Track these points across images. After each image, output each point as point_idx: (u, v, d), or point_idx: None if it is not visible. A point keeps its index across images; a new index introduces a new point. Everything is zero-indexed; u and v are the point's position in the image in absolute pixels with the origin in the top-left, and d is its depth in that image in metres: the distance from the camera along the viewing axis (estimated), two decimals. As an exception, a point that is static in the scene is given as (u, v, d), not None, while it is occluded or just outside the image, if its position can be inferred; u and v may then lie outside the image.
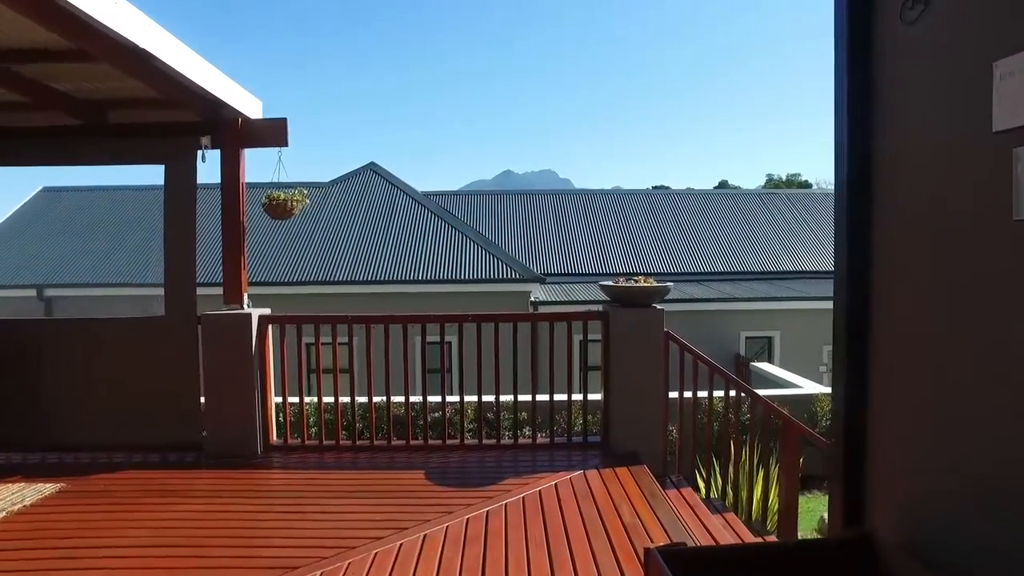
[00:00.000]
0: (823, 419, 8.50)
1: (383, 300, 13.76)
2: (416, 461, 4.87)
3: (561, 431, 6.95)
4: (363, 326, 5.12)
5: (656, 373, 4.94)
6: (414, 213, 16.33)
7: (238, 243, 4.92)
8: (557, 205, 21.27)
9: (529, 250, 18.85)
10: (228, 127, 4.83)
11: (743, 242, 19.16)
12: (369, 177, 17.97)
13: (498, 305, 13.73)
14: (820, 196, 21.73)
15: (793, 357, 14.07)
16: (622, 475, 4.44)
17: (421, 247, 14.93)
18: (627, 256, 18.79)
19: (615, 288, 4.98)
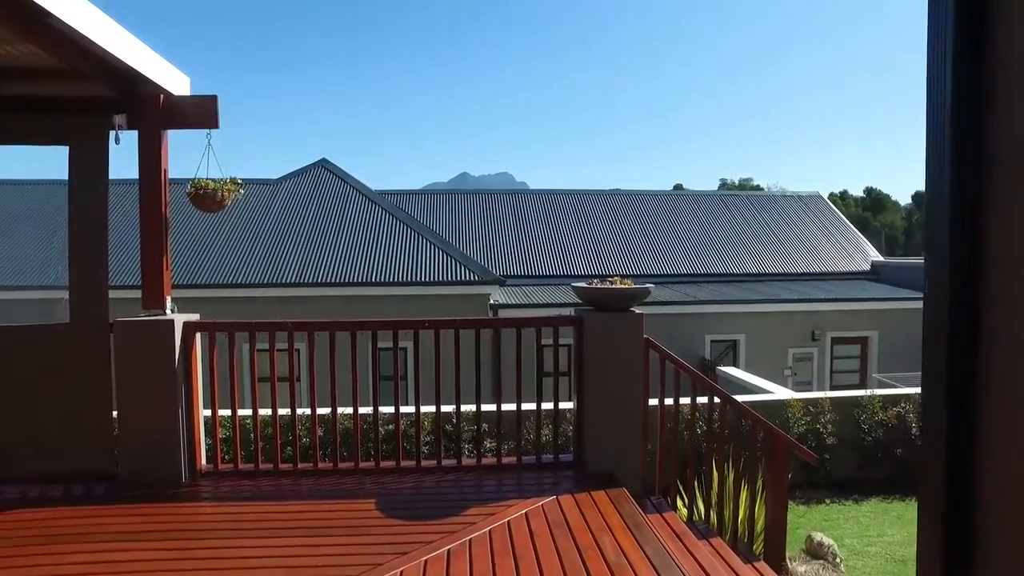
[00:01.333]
0: (795, 426, 8.24)
1: (334, 304, 13.04)
2: (366, 487, 4.30)
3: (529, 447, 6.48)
4: (306, 333, 4.53)
5: (635, 384, 4.49)
6: (368, 212, 15.62)
7: (159, 239, 4.27)
8: (516, 206, 20.82)
9: (488, 251, 18.35)
10: (147, 104, 4.17)
11: (705, 244, 19.07)
12: (320, 174, 17.16)
13: (456, 308, 13.18)
14: (779, 198, 21.86)
15: (758, 360, 13.94)
16: (600, 500, 3.97)
17: (375, 248, 14.25)
18: (588, 258, 18.46)
19: (589, 290, 4.51)
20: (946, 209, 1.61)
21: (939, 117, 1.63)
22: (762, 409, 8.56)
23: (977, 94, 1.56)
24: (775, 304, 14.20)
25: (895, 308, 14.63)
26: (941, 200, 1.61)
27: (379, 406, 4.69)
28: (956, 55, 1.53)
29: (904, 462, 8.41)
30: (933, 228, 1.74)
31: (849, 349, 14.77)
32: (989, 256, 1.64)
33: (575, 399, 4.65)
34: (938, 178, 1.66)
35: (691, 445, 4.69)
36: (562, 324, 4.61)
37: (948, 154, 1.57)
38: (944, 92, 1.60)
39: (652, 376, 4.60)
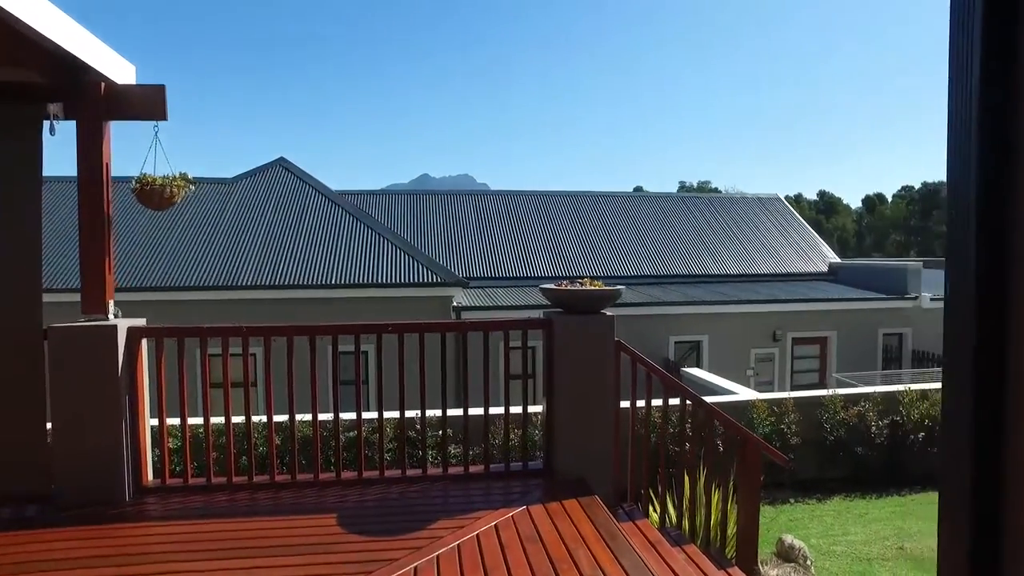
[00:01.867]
0: (760, 427, 8.27)
1: (293, 307, 12.66)
2: (327, 500, 4.08)
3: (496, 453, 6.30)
4: (262, 338, 4.29)
5: (606, 388, 4.37)
6: (327, 213, 15.24)
7: (100, 238, 3.97)
8: (478, 207, 20.64)
9: (450, 253, 18.13)
10: (86, 93, 3.88)
11: (667, 245, 19.21)
12: (278, 173, 16.68)
13: (418, 310, 12.95)
14: (739, 200, 22.19)
15: (721, 361, 14.06)
16: (572, 510, 3.83)
17: (335, 249, 13.89)
18: (551, 259, 18.41)
19: (559, 292, 4.38)
20: (972, 212, 1.49)
21: (965, 116, 1.52)
22: (728, 410, 8.56)
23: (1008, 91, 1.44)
24: (738, 305, 14.36)
25: (852, 308, 14.96)
26: (966, 203, 1.49)
27: (340, 412, 4.47)
28: (985, 49, 1.41)
29: (864, 460, 8.55)
30: (956, 232, 1.62)
31: (809, 349, 15.03)
32: (1018, 258, 1.52)
33: (544, 404, 4.51)
34: (963, 180, 1.54)
35: (662, 449, 4.60)
36: (531, 327, 4.47)
37: (975, 156, 1.45)
38: (970, 90, 1.49)
39: (623, 379, 4.50)
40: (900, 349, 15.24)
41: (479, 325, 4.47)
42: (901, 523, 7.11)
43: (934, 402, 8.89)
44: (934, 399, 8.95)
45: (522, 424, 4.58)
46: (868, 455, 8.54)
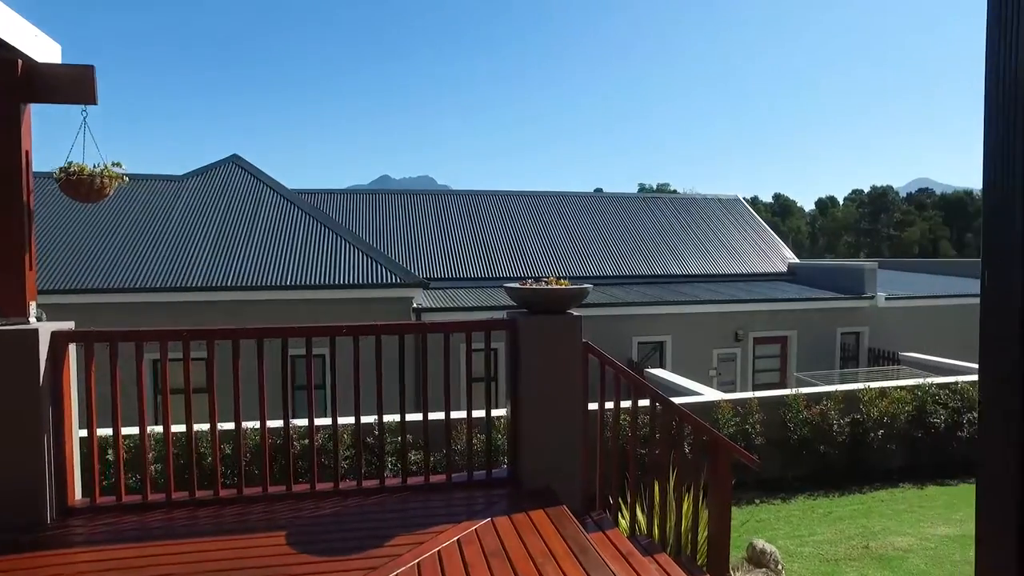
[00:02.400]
0: (725, 427, 8.22)
1: (246, 308, 12.16)
2: (277, 516, 3.78)
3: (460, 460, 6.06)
4: (205, 342, 3.96)
5: (574, 392, 4.17)
6: (283, 212, 14.72)
7: (19, 233, 3.59)
8: (438, 207, 20.32)
9: (410, 254, 17.77)
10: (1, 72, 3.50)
11: (629, 246, 19.20)
12: (231, 170, 16.06)
13: (377, 312, 12.58)
14: (700, 201, 22.34)
15: (684, 361, 14.06)
16: (539, 521, 3.62)
17: (290, 249, 13.40)
18: (513, 260, 18.21)
19: (523, 291, 4.16)
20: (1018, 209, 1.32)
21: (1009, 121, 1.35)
22: (693, 411, 8.39)
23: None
24: (701, 305, 14.38)
25: (812, 308, 15.13)
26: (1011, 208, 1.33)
27: (292, 420, 4.17)
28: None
29: (826, 458, 8.58)
30: (995, 229, 1.44)
31: (770, 348, 15.16)
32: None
33: (509, 409, 4.29)
34: (1007, 185, 1.36)
35: (632, 454, 4.42)
36: (494, 328, 4.24)
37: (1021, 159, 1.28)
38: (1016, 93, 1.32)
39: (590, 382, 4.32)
40: (857, 347, 15.50)
41: (439, 326, 4.22)
42: (865, 521, 7.12)
43: (892, 400, 9.00)
44: (893, 397, 9.05)
45: (486, 429, 4.35)
46: (830, 453, 8.59)
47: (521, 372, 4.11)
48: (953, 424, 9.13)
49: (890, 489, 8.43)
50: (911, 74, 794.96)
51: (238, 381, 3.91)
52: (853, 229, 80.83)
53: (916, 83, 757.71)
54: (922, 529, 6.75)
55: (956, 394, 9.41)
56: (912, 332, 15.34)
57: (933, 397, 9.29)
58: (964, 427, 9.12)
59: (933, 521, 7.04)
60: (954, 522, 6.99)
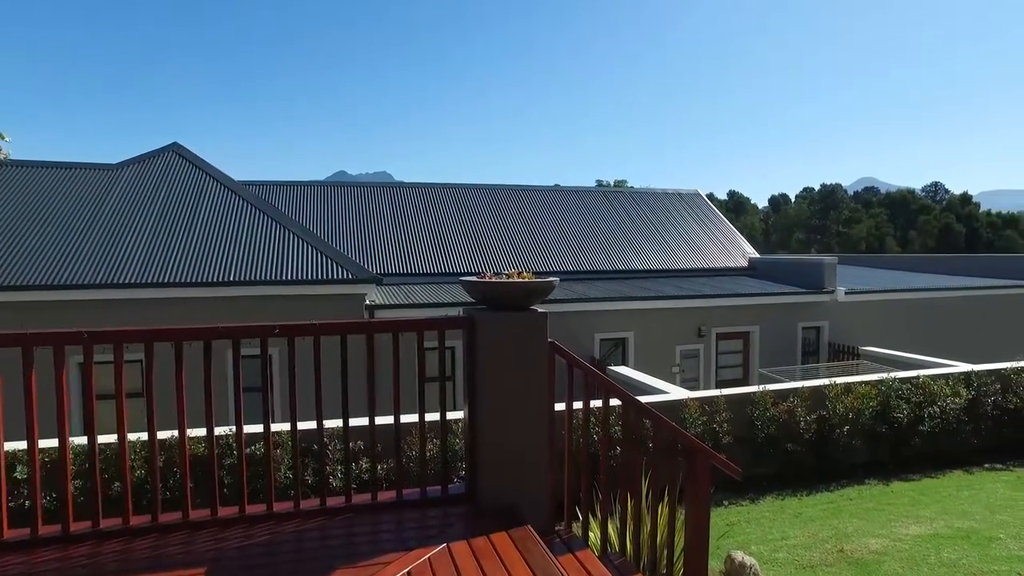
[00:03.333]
0: (692, 427, 7.93)
1: (184, 306, 11.38)
2: (198, 548, 3.25)
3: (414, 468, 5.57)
4: (115, 346, 3.39)
5: (539, 397, 3.74)
6: (226, 203, 13.87)
7: None
8: (393, 200, 19.65)
9: (363, 248, 17.11)
10: None
11: (589, 240, 18.90)
12: (170, 160, 15.08)
13: (327, 310, 11.95)
14: (661, 195, 22.19)
15: (647, 358, 13.80)
16: (501, 546, 3.18)
17: (234, 243, 12.62)
18: (471, 255, 17.72)
19: (482, 285, 3.71)
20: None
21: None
22: (660, 410, 8.13)
23: None
24: (665, 301, 14.13)
25: (774, 303, 15.07)
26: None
27: (215, 427, 3.62)
28: None
29: (793, 455, 8.40)
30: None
31: (732, 344, 15.05)
32: None
33: (466, 418, 3.84)
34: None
35: (603, 463, 4.02)
36: (449, 327, 3.78)
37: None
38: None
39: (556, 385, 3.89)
40: (818, 342, 15.53)
41: (387, 325, 3.73)
42: (836, 522, 6.91)
43: (858, 395, 8.88)
44: (858, 392, 8.93)
45: (440, 436, 3.88)
46: (797, 451, 8.42)
47: (479, 375, 3.66)
48: (915, 418, 9.07)
49: (856, 486, 8.30)
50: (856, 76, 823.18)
51: (151, 387, 3.37)
52: (804, 226, 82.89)
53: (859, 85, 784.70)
54: (893, 529, 6.57)
55: (917, 388, 9.36)
56: (870, 326, 15.46)
57: (896, 392, 9.22)
58: (925, 421, 9.07)
59: (903, 520, 6.87)
60: (923, 520, 6.84)
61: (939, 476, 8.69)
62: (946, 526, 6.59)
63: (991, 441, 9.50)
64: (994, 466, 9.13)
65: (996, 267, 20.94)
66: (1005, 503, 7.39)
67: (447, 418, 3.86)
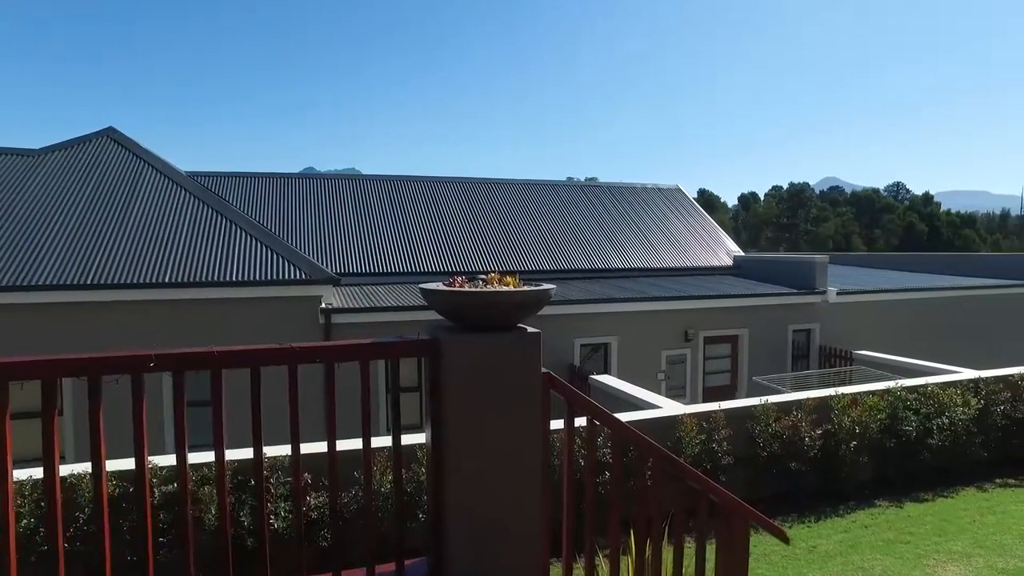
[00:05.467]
0: (689, 447, 7.00)
1: (115, 312, 10.08)
2: None
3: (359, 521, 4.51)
4: None
5: (530, 450, 2.71)
6: (165, 194, 12.48)
7: None
8: (356, 193, 18.38)
9: (322, 245, 15.84)
10: None
11: (567, 237, 17.89)
12: (104, 145, 13.59)
13: (279, 314, 10.77)
14: (640, 190, 21.25)
15: (629, 364, 12.83)
16: None
17: (171, 239, 11.27)
18: (440, 252, 16.60)
19: (452, 295, 2.66)
20: None
21: None
22: (653, 428, 7.24)
23: None
24: (649, 303, 13.16)
25: (763, 304, 14.24)
26: None
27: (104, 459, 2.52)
28: None
29: (797, 475, 7.58)
30: None
31: (720, 348, 14.18)
32: None
33: (430, 478, 2.79)
34: None
35: (614, 531, 3.01)
36: (403, 354, 2.72)
37: None
38: None
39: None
40: (808, 346, 14.77)
41: (314, 352, 2.64)
42: (858, 558, 6.05)
43: (866, 407, 8.07)
44: (866, 404, 8.13)
45: (396, 498, 2.83)
46: (801, 470, 7.59)
47: (448, 420, 2.62)
48: (924, 431, 8.31)
49: (868, 509, 7.48)
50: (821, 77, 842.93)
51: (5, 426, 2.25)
52: (773, 224, 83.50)
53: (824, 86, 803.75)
54: (928, 571, 5.71)
55: (926, 398, 8.59)
56: (862, 329, 14.75)
57: (904, 402, 8.44)
58: (934, 434, 8.32)
59: (935, 556, 6.04)
60: (958, 557, 6.01)
61: (952, 495, 7.94)
62: (987, 565, 5.77)
63: (999, 453, 8.81)
64: (1007, 482, 8.42)
65: (959, 265, 20.89)
66: (1039, 532, 6.62)
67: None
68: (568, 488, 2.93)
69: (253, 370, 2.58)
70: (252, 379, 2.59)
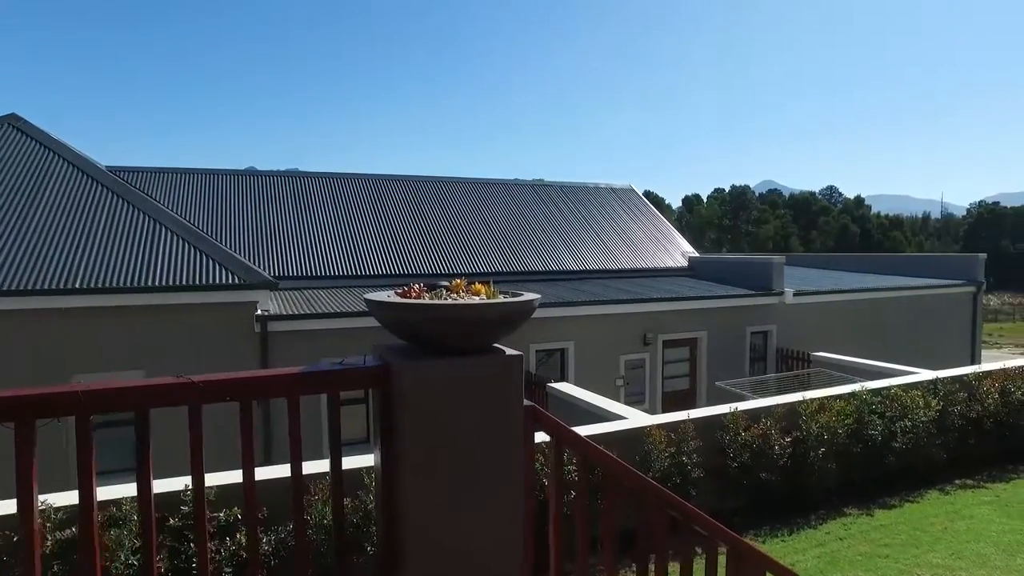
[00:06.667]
0: (658, 461, 6.56)
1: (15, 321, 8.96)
2: None
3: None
4: None
5: (511, 503, 2.12)
6: (79, 189, 11.26)
7: None
8: (296, 191, 17.34)
9: (258, 246, 14.80)
10: None
11: (520, 238, 17.31)
12: (6, 133, 12.22)
13: (208, 322, 9.84)
14: (594, 190, 20.85)
15: (587, 371, 12.34)
16: None
17: (87, 238, 10.14)
18: (386, 254, 15.78)
19: (407, 308, 2.04)
20: None
21: None
22: (620, 441, 6.73)
23: None
24: (609, 306, 12.69)
25: (721, 307, 14.00)
26: None
27: None
28: None
29: (765, 485, 7.25)
30: None
31: (679, 352, 13.86)
32: None
33: (380, 541, 2.16)
34: None
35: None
36: (344, 387, 2.08)
37: None
38: None
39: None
40: (765, 348, 14.62)
41: (224, 387, 1.97)
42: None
43: (834, 412, 7.83)
44: (834, 409, 7.89)
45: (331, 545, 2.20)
46: (771, 480, 7.27)
47: (403, 472, 2.00)
48: (889, 434, 8.15)
49: (839, 519, 7.23)
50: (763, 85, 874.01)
51: None
52: (716, 225, 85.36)
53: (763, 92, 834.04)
54: (912, 587, 5.41)
55: (889, 400, 8.46)
56: (817, 330, 14.71)
57: (869, 406, 8.27)
58: (898, 437, 8.17)
59: (918, 571, 5.77)
60: (941, 571, 5.76)
61: (917, 499, 7.79)
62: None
63: (955, 453, 8.77)
64: (965, 482, 8.35)
65: (888, 263, 21.63)
66: (1014, 541, 6.47)
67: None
68: (556, 537, 2.35)
69: (139, 414, 1.91)
70: (137, 424, 1.92)
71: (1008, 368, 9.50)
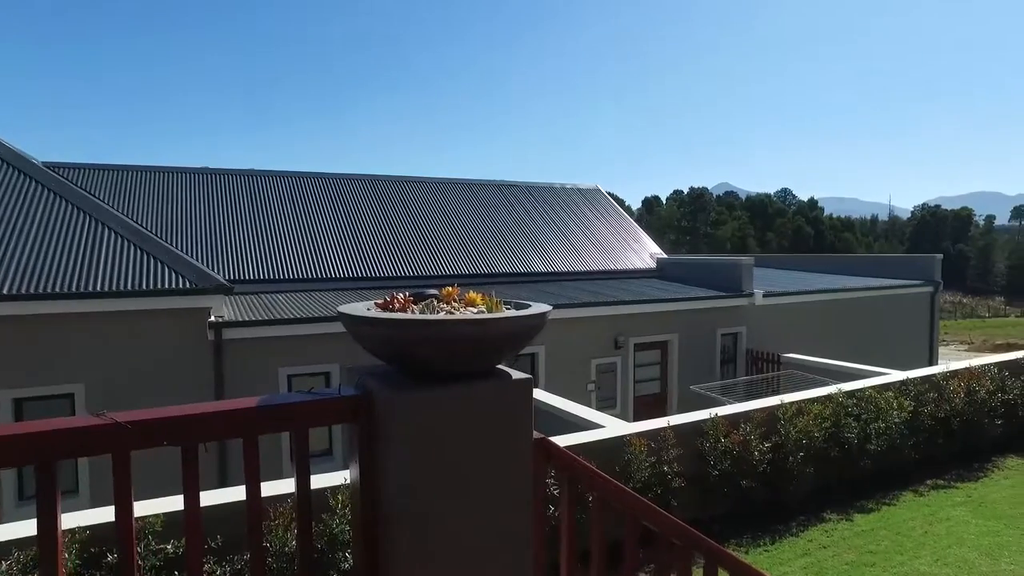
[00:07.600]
0: (638, 471, 6.30)
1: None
2: None
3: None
4: None
5: (516, 554, 1.76)
6: (9, 186, 10.42)
7: None
8: (252, 190, 16.64)
9: (213, 249, 14.09)
10: None
11: (487, 240, 16.93)
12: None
13: (157, 330, 9.19)
14: (560, 190, 20.59)
15: (558, 376, 12.03)
16: None
17: (18, 239, 9.36)
18: (347, 256, 15.22)
19: (392, 325, 1.66)
20: None
21: None
22: (598, 451, 6.41)
23: None
24: (580, 309, 12.39)
25: (693, 308, 13.85)
26: None
27: None
28: None
29: (746, 492, 7.07)
30: None
31: (650, 355, 13.67)
32: None
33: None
34: None
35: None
36: (315, 422, 1.69)
37: None
38: None
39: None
40: (735, 349, 14.55)
41: (158, 427, 1.58)
42: (829, 591, 5.50)
43: (813, 416, 7.71)
44: (813, 412, 7.77)
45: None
46: (752, 487, 7.10)
47: (390, 519, 1.63)
48: (864, 437, 8.10)
49: (820, 525, 7.10)
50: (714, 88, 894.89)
51: None
52: (676, 227, 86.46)
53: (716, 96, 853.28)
54: (904, 600, 5.24)
55: (863, 402, 8.42)
56: (785, 331, 14.70)
57: (845, 409, 8.21)
58: (872, 439, 8.13)
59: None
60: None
61: (893, 502, 7.73)
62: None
63: (924, 454, 8.81)
64: (936, 483, 8.36)
65: (845, 263, 21.97)
66: (994, 543, 6.41)
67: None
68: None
69: (41, 465, 1.49)
70: (39, 478, 1.50)
71: (973, 367, 9.61)
